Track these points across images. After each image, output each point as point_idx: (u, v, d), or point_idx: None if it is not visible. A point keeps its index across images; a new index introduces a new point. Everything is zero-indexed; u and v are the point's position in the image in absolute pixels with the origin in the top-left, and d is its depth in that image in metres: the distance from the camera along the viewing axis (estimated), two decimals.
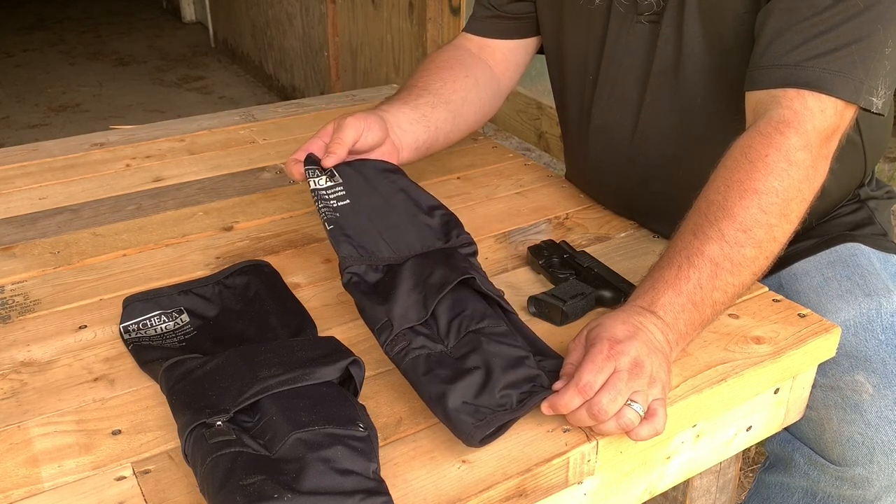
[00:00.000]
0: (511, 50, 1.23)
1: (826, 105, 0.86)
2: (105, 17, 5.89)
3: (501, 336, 0.81)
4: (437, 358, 0.78)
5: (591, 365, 0.73)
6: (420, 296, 0.84)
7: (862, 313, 0.97)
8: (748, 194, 0.83)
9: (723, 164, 0.87)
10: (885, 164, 2.83)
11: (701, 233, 0.83)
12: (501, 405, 0.74)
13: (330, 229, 0.92)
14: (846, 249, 1.07)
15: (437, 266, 0.87)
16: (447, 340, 0.81)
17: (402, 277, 0.86)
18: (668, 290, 0.80)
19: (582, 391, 0.72)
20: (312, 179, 0.95)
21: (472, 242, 0.94)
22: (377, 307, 0.83)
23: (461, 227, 0.96)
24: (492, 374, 0.76)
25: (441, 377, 0.76)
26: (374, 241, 0.92)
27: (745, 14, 0.95)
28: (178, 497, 0.68)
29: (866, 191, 1.17)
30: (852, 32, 0.86)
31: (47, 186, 1.23)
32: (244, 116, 1.51)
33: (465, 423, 0.72)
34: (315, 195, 0.94)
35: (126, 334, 0.87)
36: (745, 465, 1.75)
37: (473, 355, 0.78)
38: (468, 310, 0.83)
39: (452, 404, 0.73)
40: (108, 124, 1.76)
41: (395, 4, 2.74)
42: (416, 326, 0.81)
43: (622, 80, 1.08)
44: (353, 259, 0.89)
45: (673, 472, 0.86)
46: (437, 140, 1.14)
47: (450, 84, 1.16)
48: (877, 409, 0.93)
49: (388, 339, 0.81)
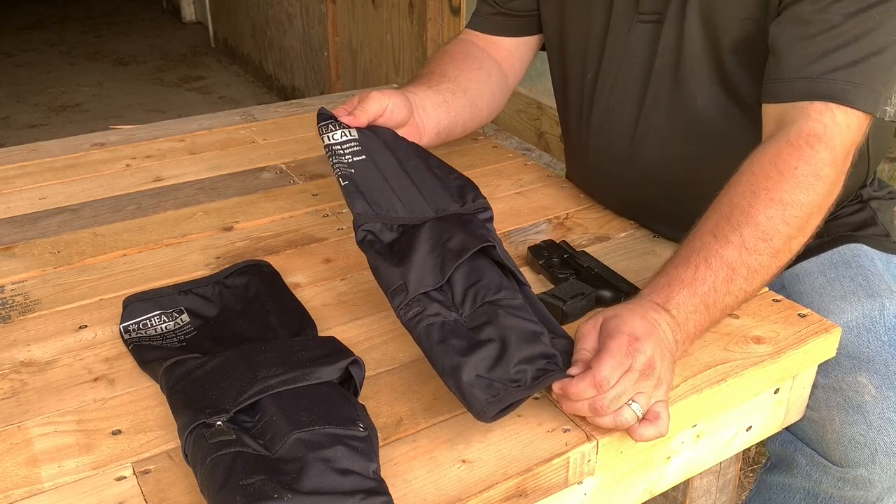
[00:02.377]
0: (515, 46, 1.23)
1: (851, 120, 0.87)
2: (105, 17, 5.89)
3: (517, 309, 0.79)
4: (452, 327, 0.77)
5: (610, 360, 0.72)
6: (437, 260, 0.81)
7: (864, 314, 0.97)
8: (774, 204, 0.83)
9: (748, 169, 0.86)
10: (886, 164, 2.83)
11: (721, 236, 0.82)
12: (515, 381, 0.72)
13: (344, 185, 0.89)
14: (849, 250, 1.07)
15: (456, 231, 0.84)
16: (462, 309, 0.79)
17: (420, 240, 0.83)
18: (684, 289, 0.80)
19: (598, 385, 0.71)
20: (326, 135, 0.92)
21: (488, 207, 0.92)
22: (392, 269, 0.81)
23: (478, 190, 0.93)
24: (507, 348, 0.74)
25: (455, 348, 0.74)
26: (389, 199, 0.89)
27: (744, 20, 0.95)
28: (178, 497, 0.68)
29: (868, 191, 1.17)
30: (871, 45, 0.87)
31: (47, 186, 1.23)
32: (244, 116, 1.51)
33: (478, 399, 0.71)
34: (328, 150, 0.92)
35: (126, 334, 0.87)
36: (746, 465, 1.75)
37: (489, 327, 0.76)
38: (485, 279, 0.81)
39: (466, 378, 0.71)
40: (108, 124, 1.76)
41: (395, 4, 2.74)
42: (431, 292, 0.79)
43: (622, 80, 1.08)
44: (367, 216, 0.87)
45: (673, 472, 0.86)
46: (456, 127, 1.13)
47: (465, 73, 1.16)
48: (879, 411, 0.93)
49: (402, 304, 0.79)
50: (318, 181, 1.25)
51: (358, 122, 0.95)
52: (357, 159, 0.91)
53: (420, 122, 1.05)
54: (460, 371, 0.72)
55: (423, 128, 1.06)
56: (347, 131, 0.93)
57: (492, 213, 0.91)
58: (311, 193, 1.21)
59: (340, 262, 1.03)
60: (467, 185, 0.94)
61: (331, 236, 1.09)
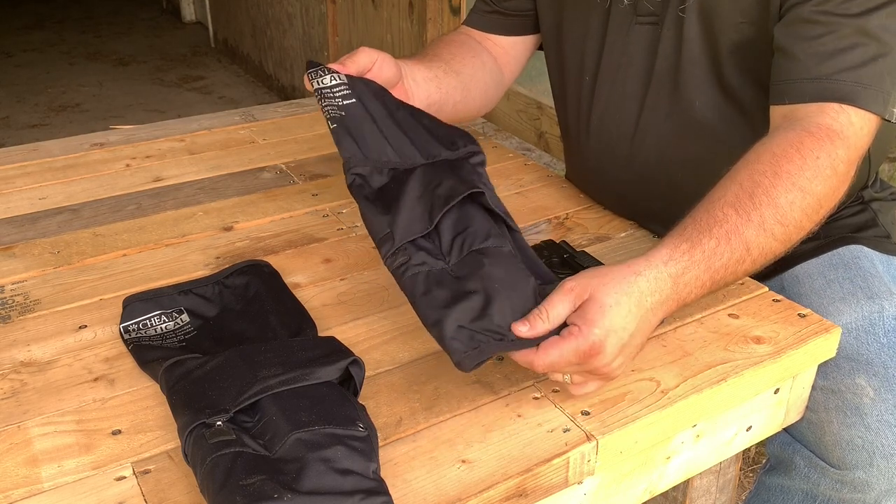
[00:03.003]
0: (511, 45, 1.23)
1: (865, 122, 0.87)
2: (105, 17, 5.89)
3: (505, 258, 0.78)
4: (437, 276, 0.76)
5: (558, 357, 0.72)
6: (426, 206, 0.81)
7: (864, 316, 0.97)
8: (796, 190, 0.82)
9: (769, 150, 0.85)
10: (886, 164, 2.82)
11: (744, 212, 0.81)
12: (498, 333, 0.73)
13: (333, 128, 0.88)
14: (848, 252, 1.07)
15: (445, 176, 0.84)
16: (449, 257, 0.79)
17: (409, 185, 0.83)
18: (703, 264, 0.79)
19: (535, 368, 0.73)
20: (316, 80, 0.91)
21: (479, 151, 0.90)
22: (380, 217, 0.81)
23: (468, 136, 0.92)
24: (492, 300, 0.74)
25: (439, 299, 0.74)
26: (379, 143, 0.88)
27: (741, 24, 0.95)
28: (178, 497, 0.68)
29: (870, 192, 1.17)
30: (878, 46, 0.87)
31: (47, 186, 1.23)
32: (244, 116, 1.51)
33: (457, 351, 0.71)
34: (319, 94, 0.91)
35: (126, 334, 0.87)
36: (745, 465, 1.75)
37: (474, 277, 0.76)
38: (473, 226, 0.80)
39: (448, 330, 0.72)
40: (108, 124, 1.76)
41: (395, 4, 2.74)
42: (418, 240, 0.79)
43: (622, 81, 1.08)
44: (357, 159, 0.86)
45: (673, 472, 0.86)
46: (447, 105, 1.12)
47: (459, 58, 1.16)
48: (877, 413, 0.93)
49: (389, 253, 0.78)
50: (318, 181, 1.25)
51: (347, 70, 0.94)
52: (347, 102, 0.90)
53: (409, 90, 1.04)
54: (442, 324, 0.72)
55: (413, 96, 1.05)
56: (337, 76, 0.92)
57: (484, 157, 0.90)
58: (311, 193, 1.21)
59: (340, 262, 1.03)
60: (457, 132, 0.92)
61: (331, 236, 1.09)
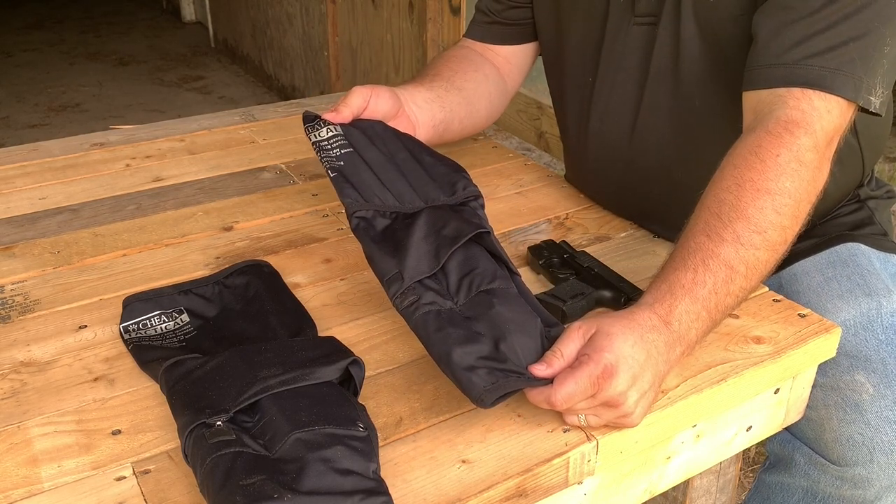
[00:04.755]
0: (512, 53, 1.23)
1: (831, 105, 0.86)
2: (105, 17, 5.89)
3: (513, 299, 0.79)
4: (448, 315, 0.77)
5: (573, 386, 0.71)
6: (432, 246, 0.81)
7: (862, 313, 0.97)
8: (762, 195, 0.81)
9: (730, 163, 0.85)
10: (885, 164, 2.83)
11: (715, 234, 0.80)
12: (515, 371, 0.73)
13: (334, 176, 0.89)
14: (846, 249, 1.07)
15: (450, 218, 0.85)
16: (457, 298, 0.79)
17: (415, 227, 0.83)
18: (686, 296, 0.77)
19: (552, 405, 0.72)
20: (312, 133, 0.93)
21: (479, 195, 0.91)
22: (387, 258, 0.81)
23: (468, 179, 0.92)
24: (504, 339, 0.74)
25: (452, 336, 0.74)
26: (379, 190, 0.89)
27: (740, 16, 0.94)
28: (178, 497, 0.68)
29: (866, 191, 1.17)
30: (850, 30, 0.85)
31: (47, 186, 1.23)
32: (244, 116, 1.51)
33: (477, 386, 0.71)
34: (316, 147, 0.93)
35: (126, 334, 0.87)
36: (746, 465, 1.75)
37: (485, 317, 0.76)
38: (479, 268, 0.81)
39: (465, 367, 0.72)
40: (108, 124, 1.76)
41: (395, 4, 2.74)
42: (426, 280, 0.79)
43: (620, 82, 1.08)
44: (359, 204, 0.87)
45: (673, 472, 0.86)
46: (453, 123, 1.13)
47: (461, 74, 1.16)
48: (877, 409, 0.93)
49: (398, 293, 0.79)
50: (317, 181, 1.25)
51: (342, 118, 0.95)
52: (344, 152, 0.92)
53: (413, 116, 1.05)
54: (460, 360, 0.72)
55: (417, 121, 1.06)
56: (333, 128, 0.94)
57: (482, 199, 0.91)
58: (311, 193, 1.21)
59: (340, 262, 1.03)
60: (458, 174, 0.93)
61: (331, 236, 1.09)
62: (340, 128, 0.95)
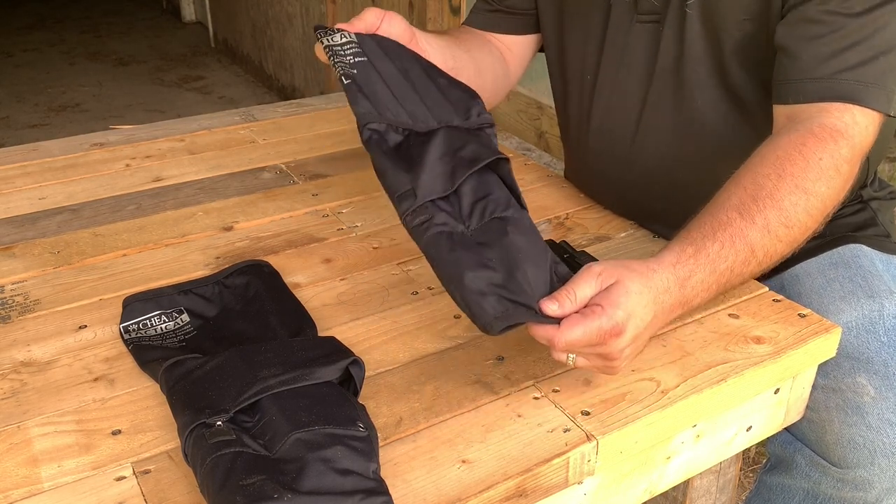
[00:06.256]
0: (514, 43, 1.23)
1: (869, 120, 0.88)
2: (105, 17, 5.89)
3: (527, 229, 0.78)
4: (460, 238, 0.75)
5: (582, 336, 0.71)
6: (448, 167, 0.79)
7: (864, 315, 0.97)
8: (799, 192, 0.83)
9: (773, 152, 0.86)
10: (886, 164, 2.82)
11: (748, 215, 0.82)
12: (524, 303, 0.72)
13: (347, 83, 0.86)
14: (848, 251, 1.07)
15: (468, 140, 0.83)
16: (469, 222, 0.77)
17: (432, 145, 0.80)
18: (708, 266, 0.79)
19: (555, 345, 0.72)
20: (325, 38, 0.89)
21: (493, 123, 0.89)
22: (401, 172, 0.79)
23: (482, 104, 0.90)
24: (517, 268, 0.73)
25: (464, 261, 0.73)
26: (391, 104, 0.86)
27: (744, 21, 0.95)
28: (178, 497, 0.68)
29: (869, 192, 1.17)
30: (880, 44, 0.87)
31: (47, 186, 1.23)
32: (244, 116, 1.51)
33: (486, 313, 0.70)
34: (329, 51, 0.89)
35: (126, 334, 0.87)
36: (746, 465, 1.75)
37: (498, 244, 0.75)
38: (493, 194, 0.79)
39: (476, 291, 0.70)
40: (108, 124, 1.76)
41: (395, 4, 2.74)
42: (439, 201, 0.77)
43: (623, 80, 1.08)
44: (371, 115, 0.84)
45: (673, 472, 0.86)
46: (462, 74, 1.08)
47: (467, 42, 1.15)
48: (878, 412, 0.93)
49: (410, 210, 0.77)
50: (318, 181, 1.25)
51: (355, 29, 0.92)
52: (358, 60, 0.88)
53: (425, 52, 1.01)
54: (470, 284, 0.71)
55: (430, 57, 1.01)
56: (346, 34, 0.90)
57: (495, 129, 0.89)
58: (311, 193, 1.21)
59: (340, 262, 1.03)
60: (473, 99, 0.91)
61: (331, 236, 1.09)
62: (355, 36, 0.91)
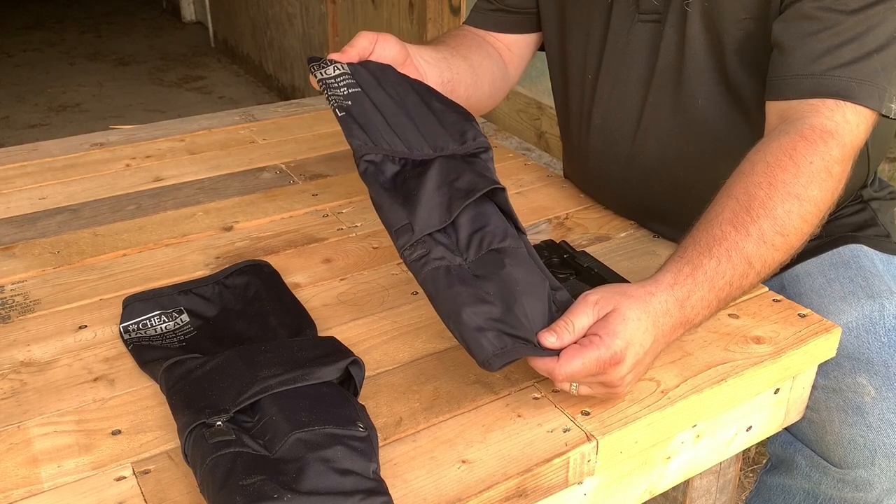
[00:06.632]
0: (514, 42, 1.23)
1: (861, 118, 0.87)
2: (105, 17, 5.89)
3: (524, 259, 0.78)
4: (457, 272, 0.75)
5: (581, 366, 0.71)
6: (444, 198, 0.79)
7: (864, 315, 0.97)
8: (792, 198, 0.83)
9: (763, 160, 0.86)
10: (886, 164, 2.82)
11: (742, 227, 0.82)
12: (523, 338, 0.72)
13: (341, 116, 0.86)
14: (849, 251, 1.07)
15: (464, 170, 0.83)
16: (466, 254, 0.78)
17: (428, 176, 0.81)
18: (706, 285, 0.79)
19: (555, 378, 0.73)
20: (319, 71, 0.90)
21: (489, 148, 0.88)
22: (397, 207, 0.79)
23: (478, 128, 0.90)
24: (515, 302, 0.73)
25: (463, 296, 0.73)
26: (386, 132, 0.87)
27: (745, 20, 0.95)
28: (178, 497, 0.68)
29: (869, 192, 1.17)
30: (874, 41, 0.87)
31: (47, 186, 1.23)
32: (244, 116, 1.51)
33: (485, 350, 0.70)
34: (323, 84, 0.89)
35: (126, 334, 0.87)
36: (746, 465, 1.75)
37: (496, 277, 0.75)
38: (490, 225, 0.79)
39: (474, 328, 0.71)
40: (108, 124, 1.76)
41: (395, 4, 2.74)
42: (436, 234, 0.78)
43: (623, 79, 1.08)
44: (367, 147, 0.84)
45: (673, 473, 0.86)
46: (459, 87, 1.10)
47: (464, 47, 1.15)
48: (879, 412, 0.93)
49: (408, 245, 0.77)
50: (317, 181, 1.25)
51: (347, 58, 0.93)
52: (352, 91, 0.89)
53: (420, 70, 1.02)
54: (469, 321, 0.71)
55: (425, 75, 1.03)
56: (339, 66, 0.91)
57: (492, 152, 0.89)
58: (311, 193, 1.21)
59: (340, 262, 1.03)
60: (468, 122, 0.91)
61: (331, 236, 1.09)
62: (348, 66, 0.91)
